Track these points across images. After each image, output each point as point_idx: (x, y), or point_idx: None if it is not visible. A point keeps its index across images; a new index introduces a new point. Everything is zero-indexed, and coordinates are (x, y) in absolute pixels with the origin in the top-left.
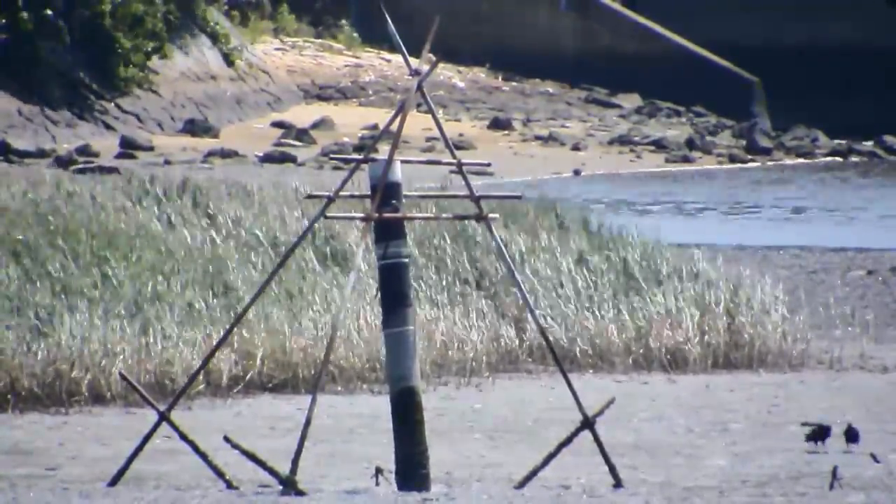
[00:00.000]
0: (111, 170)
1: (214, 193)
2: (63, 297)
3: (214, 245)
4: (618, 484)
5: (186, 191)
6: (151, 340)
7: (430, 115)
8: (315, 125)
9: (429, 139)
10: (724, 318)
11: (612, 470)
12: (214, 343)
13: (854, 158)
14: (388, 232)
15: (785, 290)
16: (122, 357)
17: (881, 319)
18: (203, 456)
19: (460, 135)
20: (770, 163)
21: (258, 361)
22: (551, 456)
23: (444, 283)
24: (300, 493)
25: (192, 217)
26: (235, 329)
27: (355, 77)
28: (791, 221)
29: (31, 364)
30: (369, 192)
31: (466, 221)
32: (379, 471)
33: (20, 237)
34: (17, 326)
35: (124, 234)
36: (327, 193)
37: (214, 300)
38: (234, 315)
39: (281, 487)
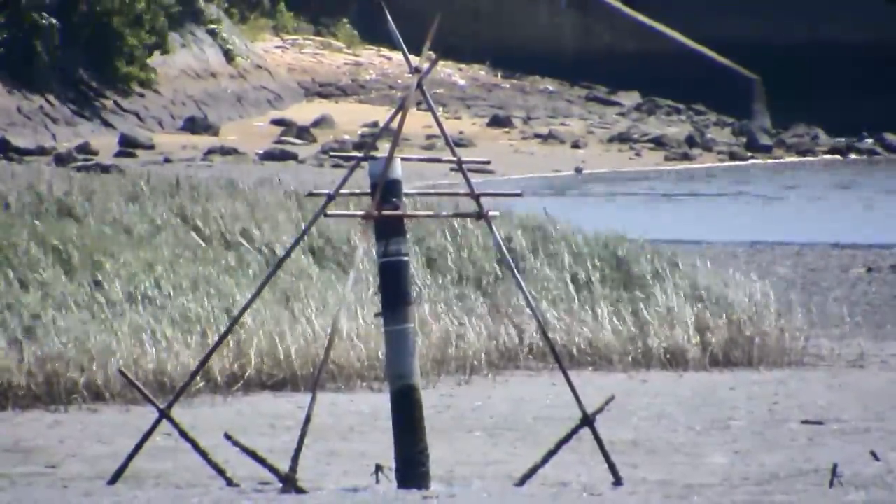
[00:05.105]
0: (110, 168)
1: (212, 192)
2: (59, 296)
3: (212, 244)
4: (617, 481)
5: (183, 190)
6: (149, 340)
7: (430, 113)
8: (315, 123)
9: (429, 137)
10: (724, 316)
11: (612, 468)
12: (212, 342)
13: (854, 156)
14: (388, 229)
15: (785, 287)
16: (119, 356)
17: (881, 317)
18: (203, 454)
19: (460, 132)
20: (770, 160)
21: (257, 360)
22: (551, 453)
23: (443, 281)
24: (300, 490)
25: (191, 217)
26: (234, 328)
27: (355, 75)
28: (790, 218)
29: (29, 364)
30: (369, 190)
31: (466, 219)
32: (379, 468)
33: (13, 238)
34: (10, 327)
35: (120, 234)
36: (327, 191)
37: (213, 300)
38: (232, 314)
39: (281, 485)
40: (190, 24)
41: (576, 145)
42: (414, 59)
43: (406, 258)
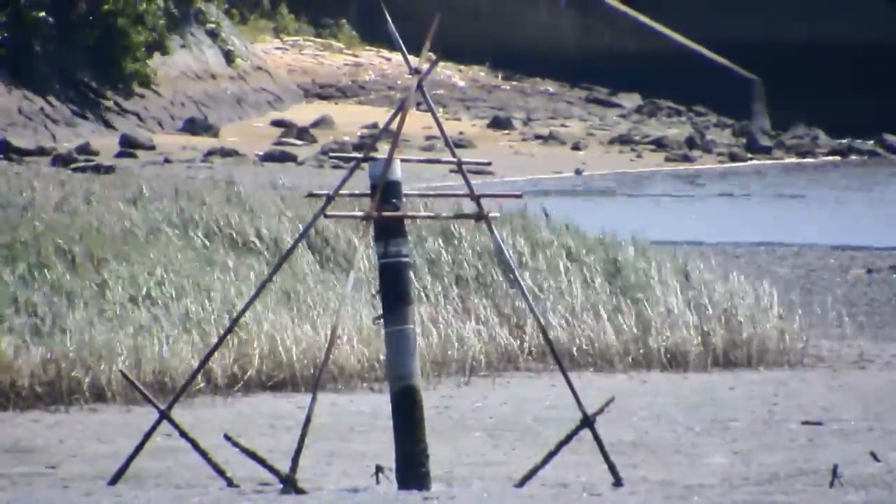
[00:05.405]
0: (111, 169)
1: (214, 193)
2: (61, 297)
3: (212, 245)
4: (617, 482)
5: (185, 191)
6: (150, 341)
7: (430, 114)
8: (315, 124)
9: (429, 138)
10: (723, 317)
11: (612, 468)
12: (213, 343)
13: (854, 157)
14: (388, 230)
15: (784, 287)
16: (121, 356)
17: (881, 318)
18: (203, 454)
19: (460, 133)
20: (770, 161)
21: (257, 361)
22: (551, 454)
23: (442, 282)
24: (300, 491)
25: (190, 217)
26: (234, 329)
27: (355, 76)
28: (791, 219)
29: (31, 363)
30: (369, 191)
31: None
32: (379, 469)
33: (18, 237)
34: (15, 326)
35: (121, 235)
36: (327, 192)
37: (215, 301)
38: (233, 315)
39: (281, 486)
40: (190, 25)
41: (576, 147)
42: (413, 60)
43: (406, 259)
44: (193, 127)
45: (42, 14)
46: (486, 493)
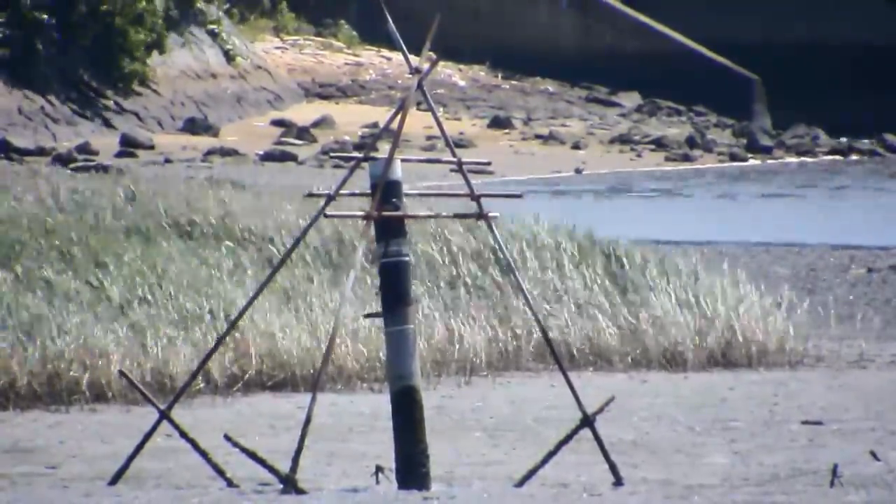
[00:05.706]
0: (110, 168)
1: (214, 193)
2: (61, 297)
3: (214, 245)
4: (618, 482)
5: (184, 190)
6: (150, 341)
7: (430, 114)
8: (315, 123)
9: (429, 137)
10: (723, 316)
11: (613, 468)
12: (213, 343)
13: (854, 157)
14: (388, 230)
15: (785, 287)
16: (121, 356)
17: (881, 317)
18: (203, 454)
19: (460, 133)
20: (770, 161)
21: (257, 361)
22: (551, 454)
23: (443, 282)
24: (300, 491)
25: (191, 217)
26: (235, 329)
27: (355, 75)
28: (791, 218)
29: (31, 363)
30: (369, 191)
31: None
32: (379, 469)
33: (15, 238)
34: (13, 327)
35: (120, 235)
36: (327, 192)
37: (214, 300)
38: (233, 315)
39: (281, 486)
40: (190, 24)
41: (576, 146)
42: (414, 60)
43: (407, 259)
44: (193, 126)
45: (42, 14)
46: (486, 493)
